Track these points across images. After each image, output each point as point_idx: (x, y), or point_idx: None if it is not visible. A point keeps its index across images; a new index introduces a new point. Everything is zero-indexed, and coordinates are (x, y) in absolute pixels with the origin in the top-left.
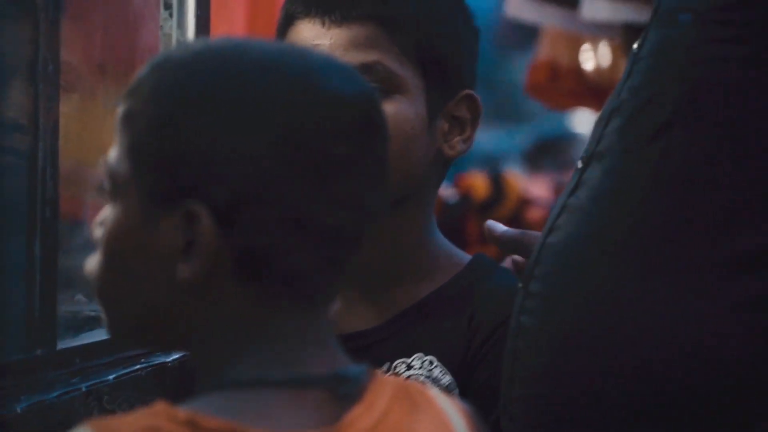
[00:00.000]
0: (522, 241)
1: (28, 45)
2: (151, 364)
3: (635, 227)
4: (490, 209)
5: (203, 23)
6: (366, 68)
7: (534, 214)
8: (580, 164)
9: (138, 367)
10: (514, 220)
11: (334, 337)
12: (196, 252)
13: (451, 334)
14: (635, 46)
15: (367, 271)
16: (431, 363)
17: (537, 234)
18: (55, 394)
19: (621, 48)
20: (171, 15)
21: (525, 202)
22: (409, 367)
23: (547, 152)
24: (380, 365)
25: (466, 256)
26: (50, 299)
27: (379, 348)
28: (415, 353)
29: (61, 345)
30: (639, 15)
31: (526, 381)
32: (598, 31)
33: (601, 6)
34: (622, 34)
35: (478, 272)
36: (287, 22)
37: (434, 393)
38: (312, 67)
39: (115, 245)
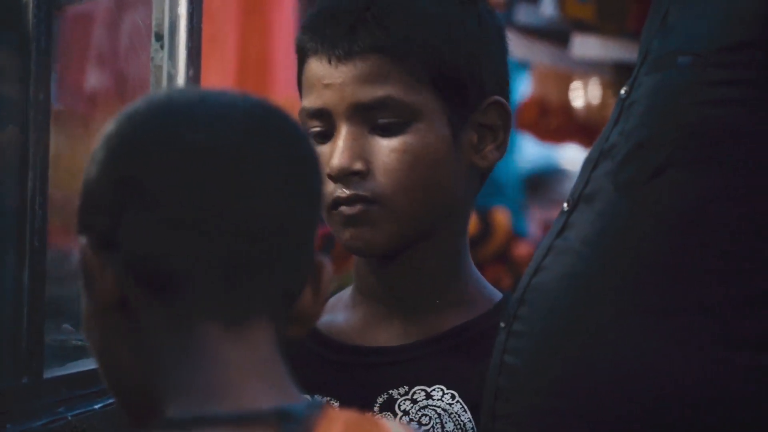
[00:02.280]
0: None
1: (19, 74)
2: None
3: (629, 270)
4: (478, 245)
5: (194, 55)
6: (377, 104)
7: (522, 249)
8: (566, 206)
9: None
10: (502, 255)
11: (283, 368)
12: (89, 283)
13: (476, 374)
14: (623, 90)
15: (398, 288)
16: (453, 397)
17: None
18: (41, 423)
19: (611, 86)
20: (162, 47)
21: (513, 238)
22: (429, 396)
23: (535, 188)
24: (398, 386)
25: (495, 292)
26: (37, 328)
27: (399, 368)
28: (435, 384)
29: (48, 374)
30: (629, 53)
31: (510, 419)
32: (588, 68)
33: (592, 44)
34: (612, 72)
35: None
36: (301, 58)
37: (390, 426)
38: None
39: None
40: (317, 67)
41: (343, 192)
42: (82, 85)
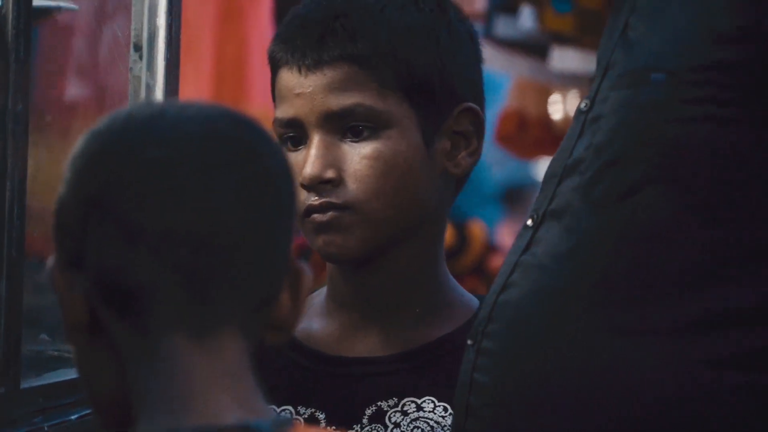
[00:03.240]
0: None
1: None
2: None
3: (600, 285)
4: (455, 257)
5: (173, 66)
6: (347, 112)
7: (498, 262)
8: (530, 222)
9: None
10: (477, 268)
11: (251, 381)
12: (60, 302)
13: None
14: (583, 104)
15: (373, 297)
16: (445, 410)
17: None
18: None
19: None
20: (141, 57)
21: (489, 250)
22: (420, 408)
23: (512, 201)
24: (387, 397)
25: (473, 298)
26: (15, 338)
27: (386, 380)
28: (425, 395)
29: (25, 384)
30: None
31: None
32: (567, 81)
33: (571, 57)
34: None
35: None
36: (273, 68)
37: None
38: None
39: None
40: (288, 77)
41: (315, 200)
42: (60, 95)
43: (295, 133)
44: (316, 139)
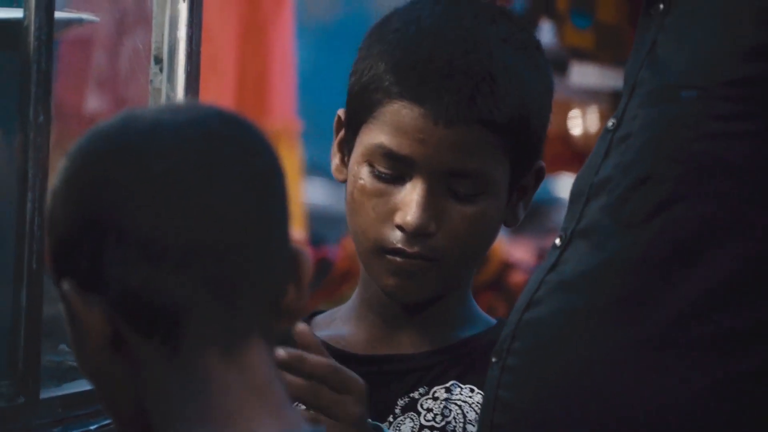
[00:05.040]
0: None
1: (20, 96)
2: None
3: (627, 302)
4: None
5: (193, 78)
6: (466, 173)
7: (516, 277)
8: (558, 242)
9: None
10: (495, 283)
11: (282, 390)
12: (76, 326)
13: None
14: (610, 123)
15: (411, 309)
16: (471, 390)
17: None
18: None
19: (609, 114)
20: (161, 70)
21: (507, 266)
22: (448, 391)
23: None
24: (418, 388)
25: (488, 316)
26: (34, 348)
27: (417, 374)
28: (452, 381)
29: (44, 394)
30: None
31: None
32: (586, 97)
33: (590, 72)
34: (610, 101)
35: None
36: (385, 93)
37: None
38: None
39: None
40: (416, 117)
41: (410, 248)
42: (81, 107)
43: (398, 168)
44: (424, 188)
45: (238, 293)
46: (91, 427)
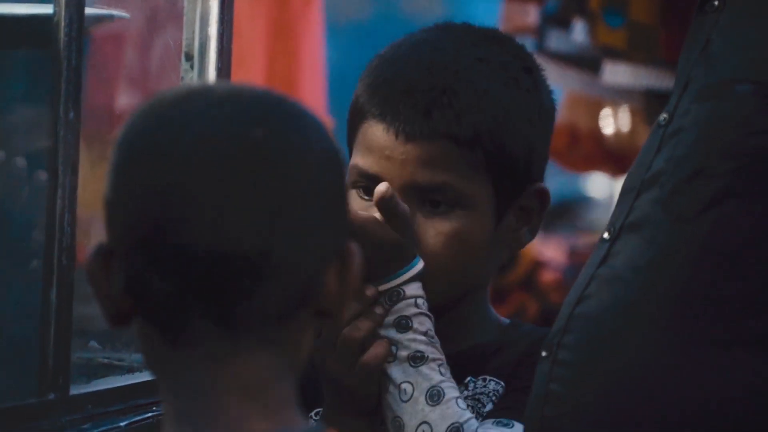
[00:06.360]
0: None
1: (50, 93)
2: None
3: (680, 296)
4: (502, 271)
5: (224, 75)
6: (433, 188)
7: (547, 276)
8: (606, 235)
9: (150, 414)
10: (526, 282)
11: (283, 391)
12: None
13: (505, 368)
14: (662, 117)
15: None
16: (484, 380)
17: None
18: None
19: (641, 113)
20: (192, 66)
21: (538, 265)
22: (465, 387)
23: (561, 215)
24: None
25: (506, 321)
26: (64, 345)
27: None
28: (467, 377)
29: (74, 390)
30: (659, 81)
31: None
32: (618, 96)
33: (622, 71)
34: (643, 100)
35: (522, 326)
36: (360, 115)
37: None
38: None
39: None
40: (381, 134)
41: None
42: (112, 104)
43: (372, 185)
44: None
45: (234, 299)
46: (121, 424)
